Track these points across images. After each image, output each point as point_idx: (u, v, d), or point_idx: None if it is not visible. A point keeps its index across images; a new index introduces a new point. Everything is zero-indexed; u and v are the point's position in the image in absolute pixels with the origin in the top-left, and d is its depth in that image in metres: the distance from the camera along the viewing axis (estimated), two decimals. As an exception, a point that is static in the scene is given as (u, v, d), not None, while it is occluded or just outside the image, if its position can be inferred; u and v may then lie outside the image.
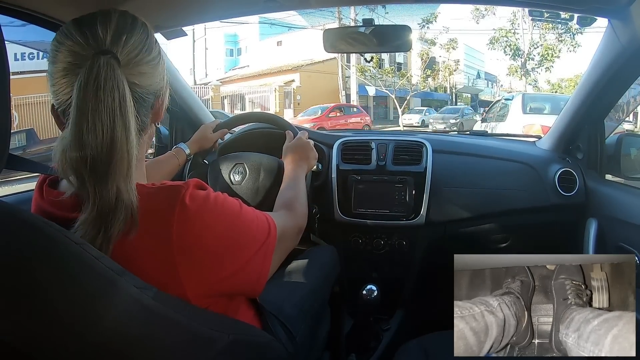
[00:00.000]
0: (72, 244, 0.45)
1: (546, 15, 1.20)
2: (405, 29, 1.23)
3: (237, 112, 17.35)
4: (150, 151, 1.69)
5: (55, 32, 0.56)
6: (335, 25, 13.76)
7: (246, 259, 0.59)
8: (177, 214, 0.52)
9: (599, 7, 1.08)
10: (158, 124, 0.66)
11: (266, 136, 1.46)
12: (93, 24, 0.55)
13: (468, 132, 1.96)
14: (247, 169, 1.24)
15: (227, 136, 1.52)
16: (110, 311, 0.44)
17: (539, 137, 1.69)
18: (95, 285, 0.45)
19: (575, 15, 1.16)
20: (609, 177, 1.40)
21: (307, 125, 10.14)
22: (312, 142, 1.13)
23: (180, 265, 0.52)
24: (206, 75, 22.84)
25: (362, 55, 1.37)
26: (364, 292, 1.35)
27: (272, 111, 16.71)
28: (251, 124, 1.47)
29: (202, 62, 22.64)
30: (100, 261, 0.46)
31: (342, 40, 1.24)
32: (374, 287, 1.36)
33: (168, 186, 0.55)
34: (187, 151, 1.21)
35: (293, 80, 18.16)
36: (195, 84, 17.92)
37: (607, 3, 1.05)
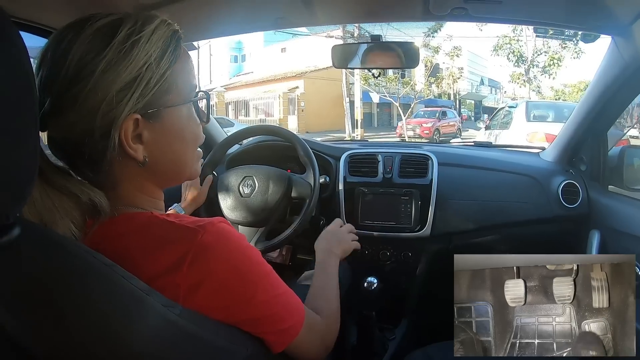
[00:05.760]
0: (102, 266, 0.46)
1: (550, 32, 1.22)
2: (413, 45, 1.25)
3: (242, 118, 17.40)
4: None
5: (47, 39, 0.55)
6: (339, 32, 13.82)
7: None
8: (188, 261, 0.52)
9: (601, 24, 1.10)
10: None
11: (272, 148, 1.49)
12: None
13: (473, 143, 1.96)
14: (256, 182, 1.26)
15: (236, 147, 1.54)
16: (138, 330, 0.45)
17: (543, 149, 1.70)
18: (125, 304, 0.45)
19: (579, 32, 1.19)
20: (612, 188, 1.41)
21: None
22: (347, 227, 1.15)
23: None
24: (210, 81, 22.94)
25: (369, 71, 1.40)
26: (365, 284, 1.36)
27: (276, 117, 16.76)
28: (257, 136, 1.49)
29: (207, 69, 22.77)
30: (129, 281, 0.47)
31: (350, 57, 1.27)
32: (374, 280, 1.37)
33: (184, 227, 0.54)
34: (184, 213, 1.15)
35: (297, 87, 18.18)
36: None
37: (610, 21, 1.07)
